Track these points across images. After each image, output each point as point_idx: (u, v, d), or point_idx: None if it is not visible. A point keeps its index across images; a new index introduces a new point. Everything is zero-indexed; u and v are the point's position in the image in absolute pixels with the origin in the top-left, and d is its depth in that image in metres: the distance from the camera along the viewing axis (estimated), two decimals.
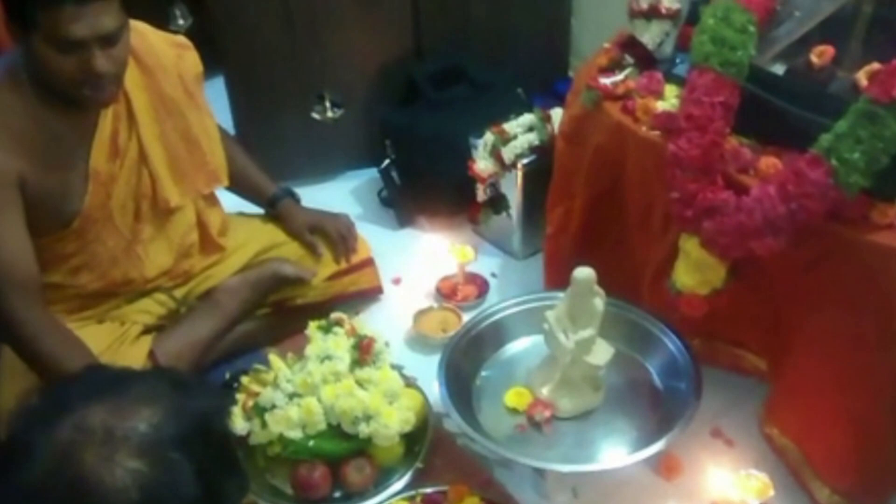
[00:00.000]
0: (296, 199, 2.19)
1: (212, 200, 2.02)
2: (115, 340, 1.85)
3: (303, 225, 2.12)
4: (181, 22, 2.79)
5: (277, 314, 2.10)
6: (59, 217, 1.71)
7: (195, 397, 0.88)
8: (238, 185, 2.11)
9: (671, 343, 1.79)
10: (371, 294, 2.24)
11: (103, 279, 1.84)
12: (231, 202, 2.17)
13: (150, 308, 1.95)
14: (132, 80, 1.75)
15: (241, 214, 2.19)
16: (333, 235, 2.14)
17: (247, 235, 2.10)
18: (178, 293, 1.99)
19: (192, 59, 1.89)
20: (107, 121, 1.72)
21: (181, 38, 1.90)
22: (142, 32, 1.80)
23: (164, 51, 1.83)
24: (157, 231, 1.88)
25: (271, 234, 2.12)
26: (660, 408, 1.74)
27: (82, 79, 1.56)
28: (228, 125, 2.47)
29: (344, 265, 2.15)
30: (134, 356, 1.84)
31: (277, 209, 2.14)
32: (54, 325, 1.70)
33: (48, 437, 0.80)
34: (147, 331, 1.93)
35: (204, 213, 1.98)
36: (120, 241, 1.82)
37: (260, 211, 2.20)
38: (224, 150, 1.97)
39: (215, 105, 2.10)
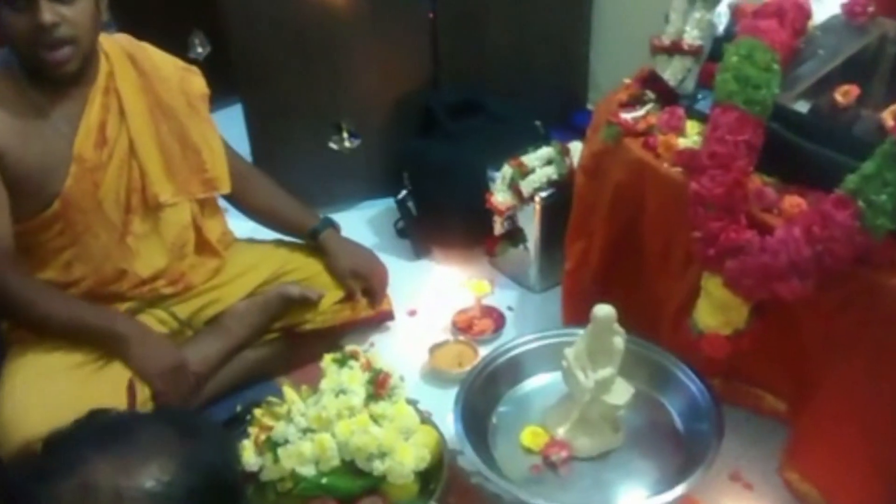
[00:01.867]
0: (336, 228, 2.19)
1: (212, 209, 2.03)
2: (115, 361, 1.81)
3: (345, 270, 2.11)
4: (199, 50, 2.79)
5: (287, 340, 2.08)
6: (39, 197, 1.74)
7: (205, 446, 0.85)
8: (275, 220, 2.16)
9: (692, 383, 1.77)
10: (381, 319, 2.22)
11: (96, 274, 1.84)
12: (242, 228, 2.17)
13: (151, 325, 1.93)
14: (128, 79, 1.82)
15: (252, 240, 2.19)
16: (375, 288, 2.15)
17: (256, 260, 2.09)
18: (181, 312, 1.97)
19: (197, 82, 1.95)
20: (94, 108, 1.77)
21: (188, 64, 1.96)
22: (143, 46, 1.89)
23: (165, 66, 1.90)
24: (150, 228, 1.89)
25: (282, 259, 2.11)
26: (681, 450, 1.71)
27: (34, 37, 1.62)
28: (246, 153, 2.47)
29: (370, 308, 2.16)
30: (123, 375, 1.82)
31: (319, 241, 2.14)
32: (39, 284, 1.78)
33: (53, 495, 0.77)
34: None
35: (200, 218, 1.98)
36: (112, 233, 1.84)
37: (270, 236, 2.20)
38: (257, 187, 2.09)
39: (233, 132, 2.11)
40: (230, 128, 2.13)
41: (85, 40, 1.69)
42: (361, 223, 2.67)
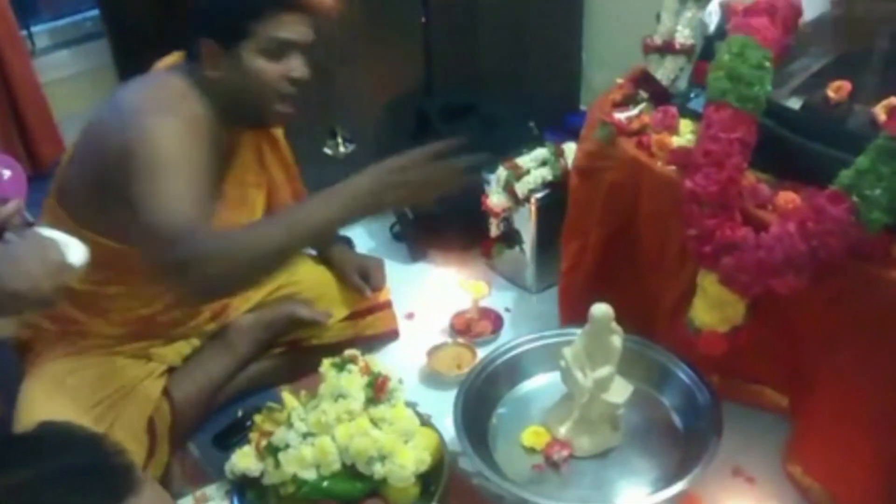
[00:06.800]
0: (351, 245, 2.22)
1: None
2: (137, 376, 1.83)
3: (353, 269, 2.12)
4: None
5: (292, 354, 2.08)
6: None
7: None
8: None
9: (690, 380, 1.77)
10: (387, 337, 2.21)
11: (164, 299, 1.80)
12: None
13: (183, 349, 1.94)
14: None
15: None
16: (374, 283, 2.14)
17: None
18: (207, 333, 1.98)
19: None
20: (245, 147, 1.82)
21: None
22: None
23: None
24: None
25: (288, 271, 2.10)
26: (680, 447, 1.72)
27: (283, 87, 1.67)
28: None
29: (362, 305, 2.14)
30: (151, 395, 1.82)
31: (330, 252, 2.15)
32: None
33: None
34: (171, 369, 1.91)
35: None
36: None
37: None
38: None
39: None
40: None
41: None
42: (357, 227, 2.66)
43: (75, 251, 1.30)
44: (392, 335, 2.22)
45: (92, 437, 0.92)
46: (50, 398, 1.70)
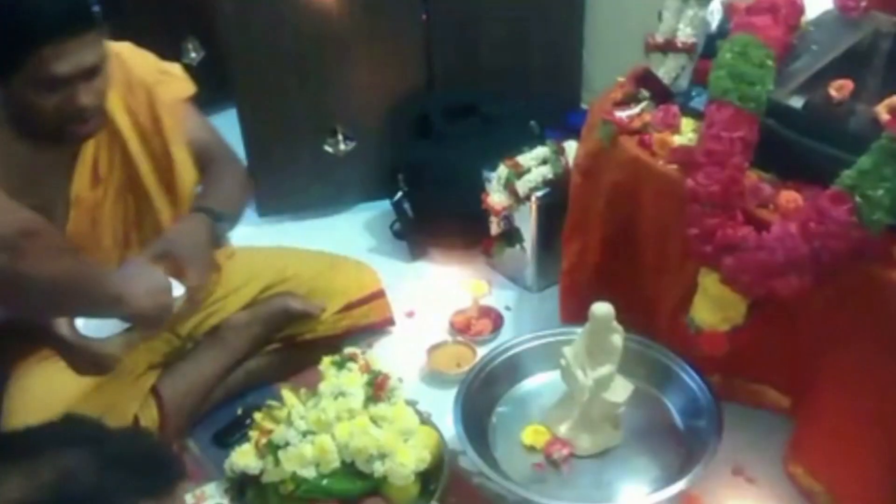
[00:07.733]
0: (213, 216, 1.78)
1: None
2: (117, 376, 1.79)
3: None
4: (193, 55, 2.82)
5: (287, 349, 2.07)
6: None
7: None
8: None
9: (691, 380, 1.77)
10: (382, 326, 2.21)
11: None
12: (239, 235, 2.13)
13: (154, 345, 1.91)
14: (114, 103, 1.69)
15: (249, 248, 2.16)
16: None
17: (256, 269, 2.07)
18: (182, 329, 1.96)
19: (174, 86, 1.80)
20: (88, 148, 1.69)
21: (171, 67, 1.83)
22: (117, 54, 1.70)
23: (140, 73, 1.75)
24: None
25: (279, 267, 2.09)
26: (680, 446, 1.72)
27: (66, 115, 1.54)
28: (241, 157, 2.46)
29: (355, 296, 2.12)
30: (136, 393, 1.81)
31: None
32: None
33: None
34: (151, 367, 1.90)
35: None
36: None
37: (268, 244, 2.19)
38: (211, 171, 1.86)
39: (228, 137, 2.07)
40: (225, 132, 2.11)
41: (106, 100, 1.62)
42: (358, 226, 2.67)
43: (176, 287, 1.63)
44: (387, 324, 2.21)
45: (144, 428, 0.94)
46: (36, 400, 1.70)
